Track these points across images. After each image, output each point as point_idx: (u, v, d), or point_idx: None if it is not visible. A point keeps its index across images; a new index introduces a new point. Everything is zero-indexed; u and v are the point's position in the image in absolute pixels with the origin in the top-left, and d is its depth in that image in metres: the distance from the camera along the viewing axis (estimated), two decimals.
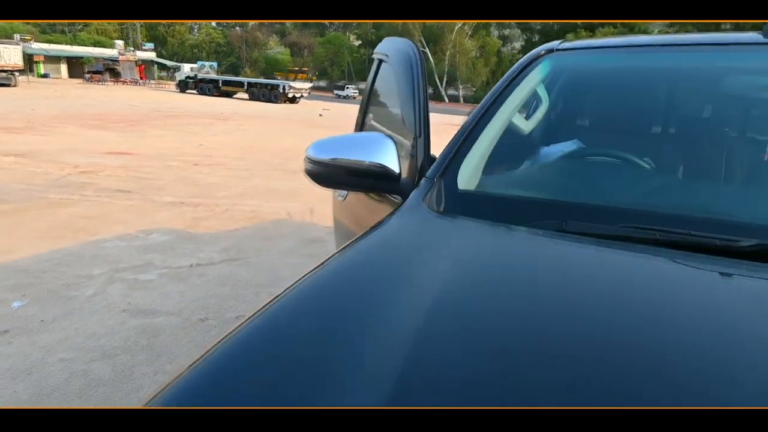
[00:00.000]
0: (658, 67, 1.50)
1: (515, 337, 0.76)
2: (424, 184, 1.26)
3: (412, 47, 1.58)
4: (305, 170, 1.41)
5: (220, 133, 14.54)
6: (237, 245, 4.81)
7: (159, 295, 3.57)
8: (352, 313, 0.85)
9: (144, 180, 7.54)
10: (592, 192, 1.26)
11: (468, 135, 1.33)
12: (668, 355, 0.71)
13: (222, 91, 37.17)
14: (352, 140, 1.42)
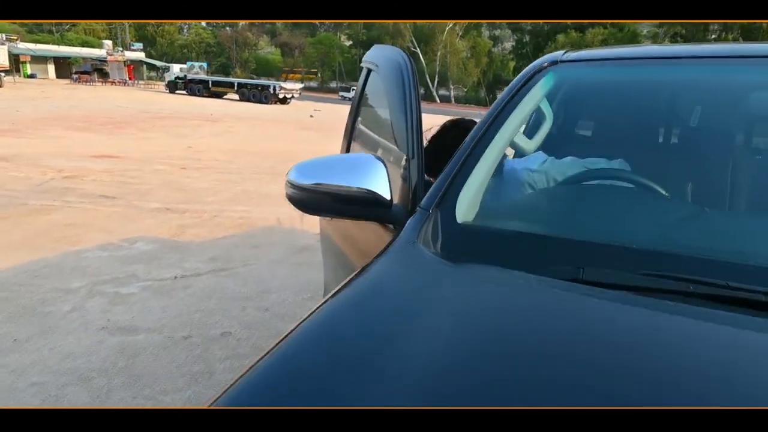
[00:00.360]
0: (676, 81, 1.36)
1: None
2: (419, 215, 1.11)
3: (403, 57, 1.43)
4: (286, 195, 1.26)
5: (209, 135, 14.32)
6: (224, 254, 4.65)
7: (140, 311, 3.40)
8: (345, 373, 0.71)
9: (129, 185, 7.34)
10: (611, 229, 1.09)
11: (466, 158, 1.18)
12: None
13: (212, 91, 36.80)
14: (337, 163, 1.27)
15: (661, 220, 1.10)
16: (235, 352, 2.98)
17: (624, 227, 1.07)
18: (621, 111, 1.46)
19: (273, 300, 3.71)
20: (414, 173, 1.21)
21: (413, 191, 1.20)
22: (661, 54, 1.39)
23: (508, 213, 1.21)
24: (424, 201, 1.14)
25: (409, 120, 1.25)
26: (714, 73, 1.28)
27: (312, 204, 1.22)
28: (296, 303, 3.69)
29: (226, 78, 43.98)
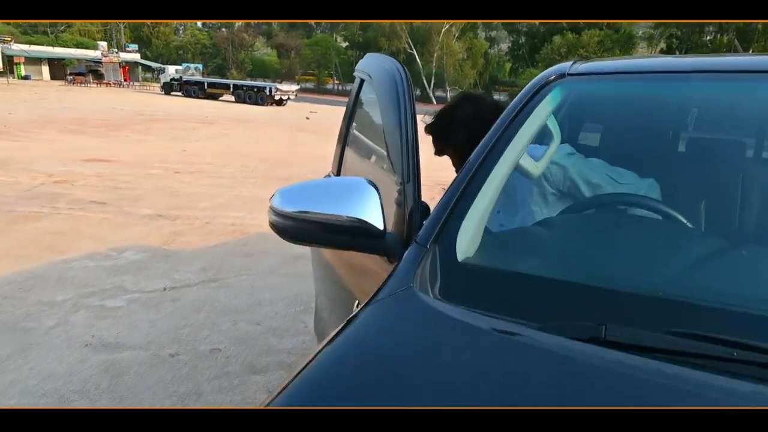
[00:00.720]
0: (700, 97, 1.25)
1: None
2: (414, 251, 1.00)
3: (397, 68, 1.32)
4: (269, 223, 1.15)
5: (204, 138, 14.18)
6: (216, 264, 4.53)
7: (126, 326, 3.28)
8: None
9: (121, 190, 7.21)
10: (643, 275, 0.93)
11: (467, 185, 1.06)
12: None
13: (207, 93, 36.57)
14: (325, 187, 1.16)
15: (705, 263, 0.97)
16: (224, 370, 2.86)
17: (658, 272, 0.94)
18: (637, 131, 1.35)
19: (265, 313, 3.59)
20: (410, 198, 1.10)
21: (408, 218, 1.09)
22: (682, 67, 1.26)
23: (515, 250, 1.09)
24: (421, 234, 1.03)
25: (405, 140, 1.13)
26: (745, 88, 1.16)
27: (297, 233, 1.11)
28: (289, 316, 3.57)
29: (221, 79, 43.79)
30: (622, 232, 1.09)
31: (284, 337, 3.27)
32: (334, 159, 2.19)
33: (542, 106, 1.18)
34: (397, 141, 1.16)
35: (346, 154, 2.06)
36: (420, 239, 1.02)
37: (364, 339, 0.82)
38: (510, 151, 1.11)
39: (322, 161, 10.45)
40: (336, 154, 2.16)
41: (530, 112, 1.17)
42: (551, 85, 1.23)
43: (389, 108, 1.24)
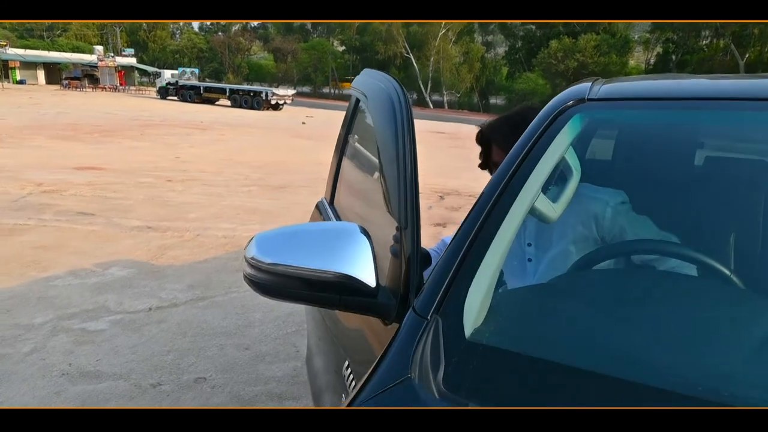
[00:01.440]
0: (755, 133, 1.06)
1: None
2: (412, 325, 0.83)
3: (395, 89, 1.15)
4: (244, 276, 0.98)
5: (198, 144, 13.99)
6: (205, 281, 4.35)
7: (107, 352, 3.10)
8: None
9: (110, 200, 7.03)
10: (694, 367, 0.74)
11: (476, 237, 0.89)
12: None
13: (204, 97, 36.39)
14: (309, 235, 0.99)
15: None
16: (209, 401, 2.68)
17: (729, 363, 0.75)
18: (676, 170, 1.18)
19: (255, 336, 3.42)
20: (408, 246, 0.93)
21: (406, 272, 0.92)
22: (731, 92, 1.08)
23: (537, 323, 0.90)
24: (421, 301, 0.86)
25: (402, 178, 0.97)
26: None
27: (275, 289, 0.94)
28: (279, 338, 3.40)
29: (218, 84, 43.61)
30: (676, 304, 0.91)
31: (274, 363, 3.09)
32: (327, 186, 2.03)
33: (559, 139, 1.01)
34: (394, 177, 0.99)
35: (339, 182, 1.89)
36: (419, 308, 0.85)
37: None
38: (525, 193, 0.94)
39: (318, 168, 10.32)
40: (329, 181, 2.00)
41: (546, 146, 1.00)
42: (569, 112, 1.06)
43: (385, 137, 1.08)
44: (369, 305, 0.92)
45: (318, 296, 0.92)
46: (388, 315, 0.93)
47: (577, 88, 1.16)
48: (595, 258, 1.07)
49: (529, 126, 1.06)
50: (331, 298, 0.92)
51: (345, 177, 1.86)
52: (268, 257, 0.94)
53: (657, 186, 1.19)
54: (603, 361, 0.73)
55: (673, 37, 51.01)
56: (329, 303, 0.93)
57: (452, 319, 0.79)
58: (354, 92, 1.71)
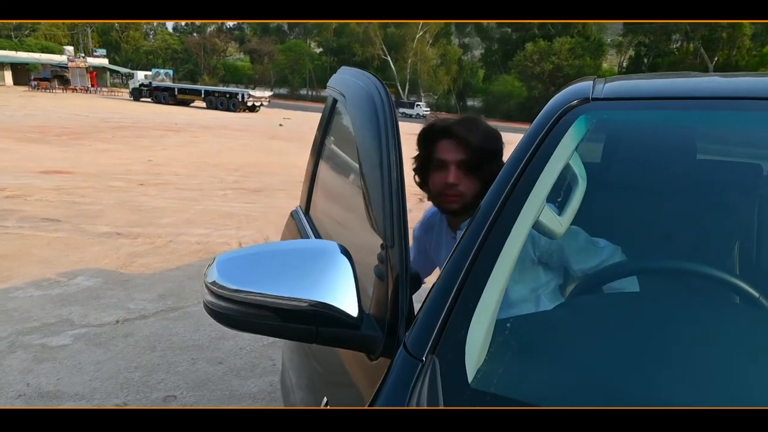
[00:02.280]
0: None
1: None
2: (404, 365, 0.70)
3: (377, 87, 1.01)
4: (204, 304, 0.84)
5: (172, 147, 13.66)
6: (176, 290, 4.15)
7: (69, 369, 2.90)
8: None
9: (78, 205, 6.74)
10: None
11: (475, 260, 0.77)
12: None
13: (178, 99, 35.80)
14: (280, 256, 0.85)
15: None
16: None
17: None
18: (689, 173, 1.07)
19: (228, 349, 3.25)
20: (395, 268, 0.80)
21: (393, 298, 0.80)
22: (747, 91, 0.98)
23: (560, 356, 0.77)
24: (413, 338, 0.72)
25: (388, 188, 0.83)
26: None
27: (241, 320, 0.80)
28: (255, 351, 3.24)
29: (192, 85, 42.97)
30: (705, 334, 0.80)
31: (249, 378, 2.93)
32: (303, 194, 1.88)
33: (564, 143, 0.90)
34: (378, 187, 0.86)
35: (316, 190, 1.75)
36: (412, 346, 0.71)
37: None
38: (529, 206, 0.82)
39: (295, 170, 10.14)
40: (304, 188, 1.85)
41: (550, 151, 0.88)
42: (573, 113, 0.95)
43: (367, 141, 0.95)
44: (351, 338, 0.78)
45: (291, 329, 0.79)
46: (373, 349, 0.80)
47: (578, 87, 1.05)
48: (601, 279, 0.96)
49: (530, 128, 0.95)
50: (306, 330, 0.78)
51: (322, 185, 1.72)
52: (232, 283, 0.79)
53: (669, 191, 1.09)
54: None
55: (645, 40, 52.06)
56: (304, 336, 0.79)
57: (452, 360, 0.66)
58: (331, 92, 1.57)
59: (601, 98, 0.98)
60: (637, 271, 0.93)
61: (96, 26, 61.59)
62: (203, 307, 0.86)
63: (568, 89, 1.05)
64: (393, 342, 0.79)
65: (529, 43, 49.33)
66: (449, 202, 1.32)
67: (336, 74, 1.55)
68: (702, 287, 0.92)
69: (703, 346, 0.77)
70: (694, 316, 0.85)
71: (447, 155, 1.32)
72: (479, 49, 63.92)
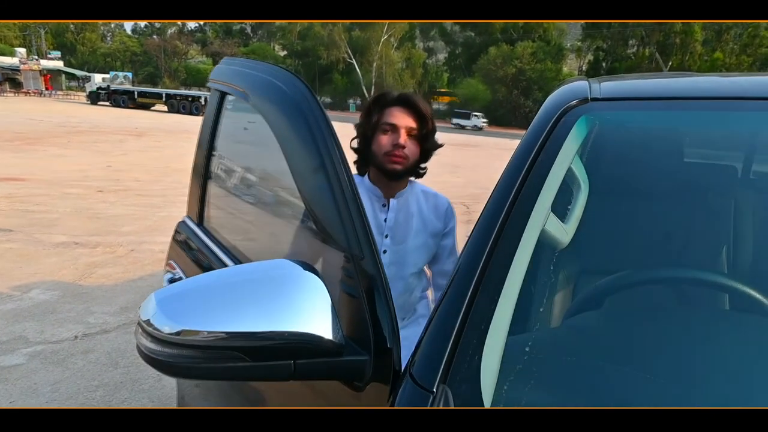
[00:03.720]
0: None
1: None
2: (412, 398, 0.62)
3: (293, 81, 0.90)
4: (141, 351, 0.71)
5: (132, 151, 13.25)
6: (139, 301, 3.95)
7: (23, 391, 2.71)
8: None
9: (32, 214, 6.42)
10: None
11: (482, 277, 0.69)
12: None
13: (138, 103, 34.88)
14: (234, 285, 0.73)
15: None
16: None
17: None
18: (696, 175, 1.04)
19: None
20: (372, 281, 0.72)
21: (372, 314, 0.71)
22: (749, 91, 0.95)
23: (581, 372, 0.71)
24: (418, 367, 0.64)
25: (340, 194, 0.74)
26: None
27: (198, 368, 0.68)
28: None
29: (153, 88, 41.95)
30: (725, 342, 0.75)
31: None
32: (191, 202, 1.64)
33: (567, 145, 0.84)
34: (324, 194, 0.77)
35: (210, 198, 1.55)
36: (419, 376, 0.64)
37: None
38: (536, 214, 0.76)
39: None
40: (193, 197, 1.62)
41: (553, 154, 0.82)
42: (572, 113, 0.89)
43: (296, 144, 0.83)
44: (335, 367, 0.69)
45: (263, 368, 0.68)
46: (361, 375, 0.71)
47: (573, 88, 1.00)
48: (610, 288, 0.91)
49: (530, 130, 0.88)
50: (281, 367, 0.68)
51: (218, 192, 1.55)
52: (180, 323, 0.67)
53: (675, 193, 1.05)
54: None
55: (603, 45, 53.58)
56: (279, 374, 0.69)
57: (466, 391, 0.59)
58: (218, 86, 1.43)
59: (601, 98, 0.93)
60: (649, 282, 0.89)
61: (50, 27, 59.50)
62: (141, 356, 0.72)
63: (563, 90, 1.00)
64: (382, 363, 0.71)
65: (492, 47, 50.07)
66: (395, 162, 1.42)
67: (220, 66, 1.44)
68: (716, 296, 0.88)
69: (725, 357, 0.72)
70: (713, 327, 0.80)
71: (399, 120, 1.43)
72: (443, 53, 64.56)
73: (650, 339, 0.76)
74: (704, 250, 1.02)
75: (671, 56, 46.95)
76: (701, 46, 46.21)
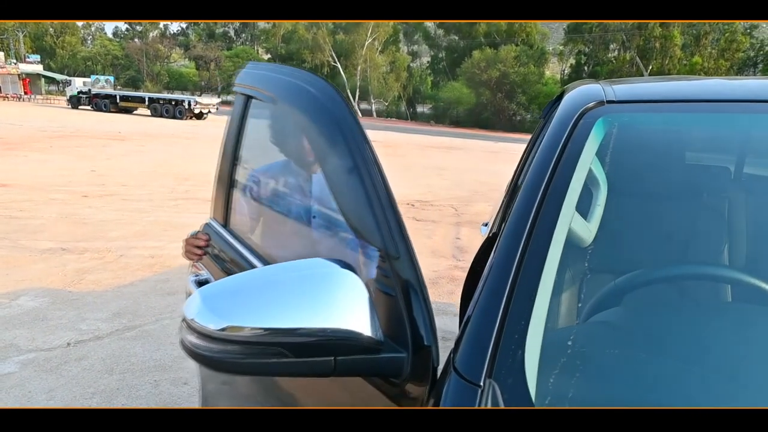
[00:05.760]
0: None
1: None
2: (459, 392, 0.63)
3: (323, 85, 0.93)
4: (186, 347, 0.72)
5: (116, 156, 13.08)
6: (132, 307, 3.93)
7: (17, 399, 2.67)
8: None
9: (17, 220, 6.31)
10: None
11: (518, 273, 0.71)
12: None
13: (120, 107, 34.43)
14: (274, 283, 0.74)
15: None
16: None
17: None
18: (713, 177, 1.06)
19: (193, 368, 3.07)
20: (408, 280, 0.73)
21: (409, 312, 0.73)
22: (759, 94, 0.98)
23: (625, 364, 0.72)
24: (463, 361, 0.65)
25: (374, 193, 0.77)
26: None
27: (243, 363, 0.70)
28: None
29: (136, 92, 41.49)
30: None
31: None
32: (216, 204, 1.68)
33: (588, 147, 0.86)
34: (358, 194, 0.79)
35: (235, 200, 1.59)
36: (464, 369, 0.65)
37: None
38: (564, 213, 0.78)
39: None
40: (218, 198, 1.66)
41: (576, 155, 0.84)
42: (590, 115, 0.92)
43: (328, 146, 0.87)
44: (374, 364, 0.71)
45: (305, 364, 0.70)
46: (399, 372, 0.73)
47: (588, 90, 1.02)
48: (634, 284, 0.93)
49: (550, 133, 0.91)
50: (322, 363, 0.70)
51: (243, 194, 1.59)
52: (225, 319, 0.69)
53: (693, 194, 1.08)
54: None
55: (585, 49, 54.30)
56: (321, 370, 0.71)
57: (513, 384, 0.61)
58: (243, 90, 1.44)
59: (617, 101, 0.96)
60: (682, 277, 0.91)
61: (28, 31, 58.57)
62: (186, 352, 0.74)
63: (578, 92, 1.02)
64: (421, 362, 0.72)
65: (476, 50, 50.42)
66: None
67: (246, 71, 1.45)
68: (741, 292, 0.91)
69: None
70: (748, 321, 0.83)
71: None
72: (427, 57, 64.86)
73: (688, 331, 0.79)
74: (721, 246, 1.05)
75: (651, 60, 47.74)
76: (680, 50, 47.06)
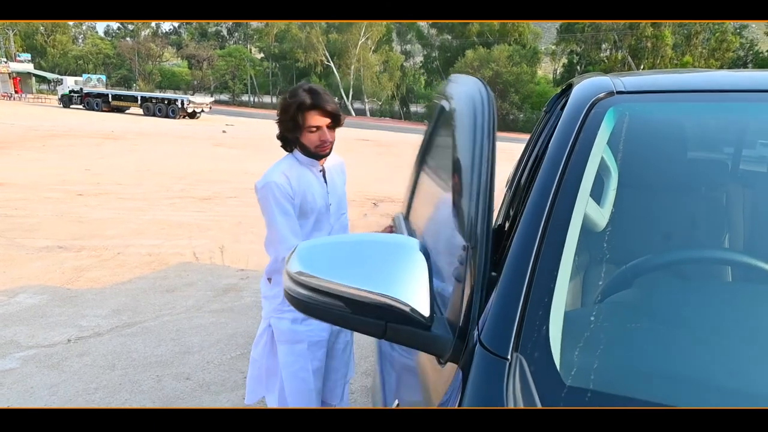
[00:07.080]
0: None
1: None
2: (486, 365, 0.66)
3: (480, 91, 0.98)
4: (284, 290, 0.83)
5: (110, 155, 13.03)
6: (131, 304, 3.93)
7: (20, 395, 2.67)
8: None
9: (12, 218, 6.28)
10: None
11: (539, 254, 0.75)
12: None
13: (113, 106, 34.23)
14: (357, 248, 0.83)
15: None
16: None
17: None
18: (720, 166, 1.10)
19: (195, 363, 3.09)
20: (475, 271, 0.77)
21: (468, 301, 0.76)
22: (763, 84, 1.02)
23: (650, 344, 0.75)
24: (489, 336, 0.69)
25: (476, 189, 0.82)
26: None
27: (315, 308, 0.78)
28: (224, 364, 3.10)
29: (128, 91, 41.26)
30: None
31: (221, 393, 2.80)
32: (404, 200, 1.94)
33: (600, 135, 0.90)
34: (466, 188, 0.85)
35: (416, 196, 1.76)
36: (490, 344, 0.68)
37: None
38: (580, 198, 0.81)
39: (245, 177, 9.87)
40: (406, 194, 1.92)
41: (590, 143, 0.88)
42: (601, 105, 0.95)
43: (464, 144, 0.93)
44: (420, 338, 0.75)
45: (360, 321, 0.77)
46: (442, 351, 0.76)
47: (597, 82, 1.05)
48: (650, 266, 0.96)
49: (563, 122, 0.94)
50: (375, 325, 0.76)
51: (422, 190, 1.73)
52: (308, 269, 0.79)
53: (701, 183, 1.11)
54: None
55: (577, 49, 54.56)
56: (373, 330, 0.77)
57: (539, 358, 0.63)
58: (439, 101, 1.59)
59: (626, 91, 0.99)
60: (700, 261, 0.95)
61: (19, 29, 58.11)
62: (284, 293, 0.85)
63: (587, 84, 1.05)
64: (462, 346, 0.76)
65: (469, 50, 50.56)
66: (326, 149, 1.95)
67: (446, 83, 1.59)
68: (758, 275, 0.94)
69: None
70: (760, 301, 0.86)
71: (320, 122, 1.91)
72: (420, 56, 64.92)
73: (701, 308, 0.82)
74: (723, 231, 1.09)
75: (643, 60, 48.07)
76: (671, 50, 47.39)
